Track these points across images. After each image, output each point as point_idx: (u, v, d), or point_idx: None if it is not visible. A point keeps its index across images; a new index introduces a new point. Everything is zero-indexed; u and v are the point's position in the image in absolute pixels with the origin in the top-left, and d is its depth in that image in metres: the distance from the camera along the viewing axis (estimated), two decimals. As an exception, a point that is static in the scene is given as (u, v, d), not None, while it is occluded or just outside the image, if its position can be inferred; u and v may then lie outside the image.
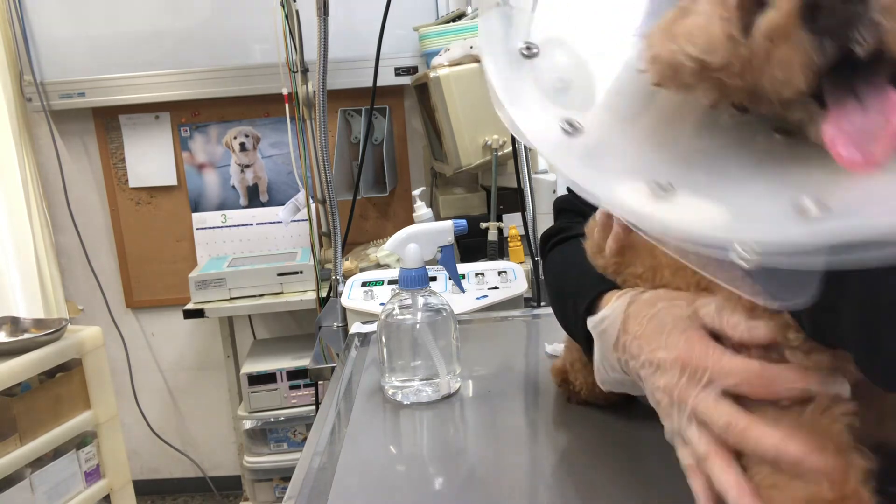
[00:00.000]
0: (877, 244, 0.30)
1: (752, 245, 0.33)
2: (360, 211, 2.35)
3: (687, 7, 0.40)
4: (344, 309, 1.24)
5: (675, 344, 0.47)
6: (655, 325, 0.50)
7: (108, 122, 2.30)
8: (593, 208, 0.63)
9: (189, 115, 2.30)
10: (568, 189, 0.79)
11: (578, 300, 0.61)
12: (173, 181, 2.34)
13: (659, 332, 0.49)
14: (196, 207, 2.37)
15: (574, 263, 0.63)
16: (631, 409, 0.69)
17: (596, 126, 0.43)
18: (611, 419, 0.68)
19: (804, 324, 0.41)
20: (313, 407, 1.92)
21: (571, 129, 0.42)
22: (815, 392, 0.41)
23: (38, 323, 1.79)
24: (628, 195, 0.38)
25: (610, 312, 0.55)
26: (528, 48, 0.45)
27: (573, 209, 0.76)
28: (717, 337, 0.46)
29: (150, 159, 2.33)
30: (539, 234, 0.80)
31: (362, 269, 1.64)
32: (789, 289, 0.35)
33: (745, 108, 0.41)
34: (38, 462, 1.66)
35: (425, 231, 0.99)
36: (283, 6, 1.93)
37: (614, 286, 0.59)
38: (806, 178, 0.36)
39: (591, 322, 0.57)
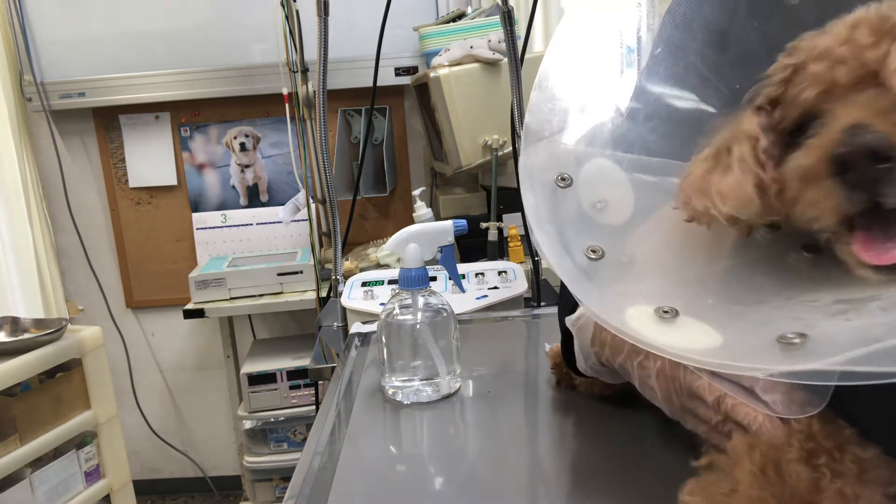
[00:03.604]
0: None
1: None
2: (360, 211, 2.35)
3: (719, 156, 0.44)
4: (344, 309, 1.24)
5: None
6: None
7: (108, 122, 2.30)
8: None
9: (189, 115, 2.30)
10: None
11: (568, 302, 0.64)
12: (173, 181, 2.34)
13: None
14: (196, 207, 2.37)
15: None
16: (632, 406, 0.69)
17: (618, 249, 0.47)
18: (612, 419, 0.68)
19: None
20: (313, 407, 1.92)
21: (594, 254, 0.47)
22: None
23: (38, 323, 1.79)
24: (633, 320, 0.42)
25: (585, 311, 0.58)
26: (563, 178, 0.50)
27: None
28: None
29: (150, 159, 2.33)
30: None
31: (362, 269, 1.64)
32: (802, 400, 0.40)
33: (777, 227, 0.45)
34: (38, 462, 1.66)
35: (425, 231, 0.99)
36: (283, 6, 1.93)
37: None
38: (808, 305, 0.39)
39: (570, 320, 0.60)
